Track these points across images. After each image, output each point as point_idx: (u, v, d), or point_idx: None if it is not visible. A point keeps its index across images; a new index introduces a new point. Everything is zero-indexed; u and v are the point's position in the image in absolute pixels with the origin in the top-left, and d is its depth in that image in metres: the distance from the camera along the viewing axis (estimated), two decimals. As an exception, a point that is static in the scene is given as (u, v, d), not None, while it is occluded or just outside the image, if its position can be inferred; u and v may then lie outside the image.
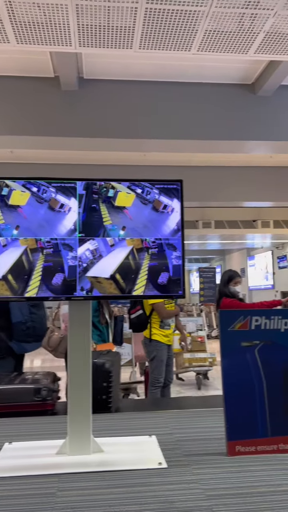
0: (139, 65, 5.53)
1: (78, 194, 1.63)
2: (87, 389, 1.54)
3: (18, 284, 1.54)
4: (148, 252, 1.63)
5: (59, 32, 3.74)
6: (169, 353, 4.11)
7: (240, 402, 1.53)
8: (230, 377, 1.55)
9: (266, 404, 1.53)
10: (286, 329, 1.60)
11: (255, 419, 1.52)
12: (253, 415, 1.52)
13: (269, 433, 1.51)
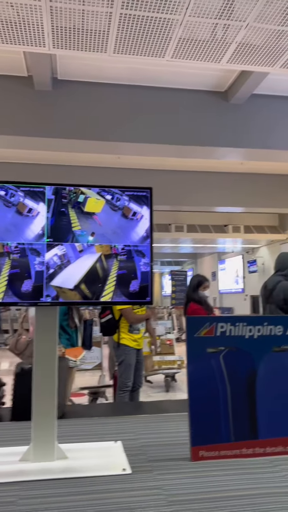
0: (114, 69, 5.54)
1: (47, 199, 1.62)
2: (52, 395, 1.53)
3: (-16, 288, 1.52)
4: (117, 259, 1.64)
5: (32, 32, 3.70)
6: (139, 357, 4.09)
7: (204, 407, 1.55)
8: (195, 382, 1.57)
9: (230, 410, 1.56)
10: (251, 336, 1.64)
11: (219, 424, 1.55)
12: (217, 421, 1.55)
13: (232, 438, 1.54)
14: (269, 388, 1.60)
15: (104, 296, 1.63)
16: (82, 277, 1.60)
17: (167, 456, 1.53)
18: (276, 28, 3.82)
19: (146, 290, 1.64)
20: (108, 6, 3.44)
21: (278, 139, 6.32)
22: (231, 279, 18.91)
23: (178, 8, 3.51)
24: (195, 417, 1.53)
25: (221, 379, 1.58)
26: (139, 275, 1.65)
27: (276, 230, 13.83)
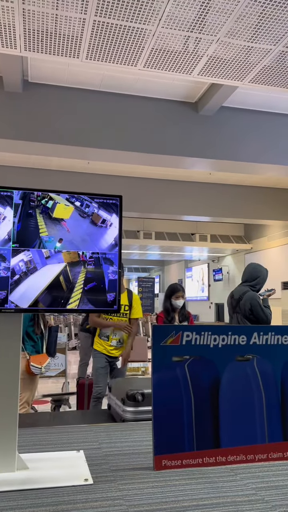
0: (86, 74, 5.54)
1: (14, 203, 1.59)
2: (14, 403, 1.50)
3: None
4: (84, 266, 1.63)
5: (4, 33, 3.65)
6: (115, 365, 4.00)
7: (168, 416, 1.56)
8: (160, 391, 1.58)
9: (193, 418, 1.57)
10: (215, 345, 1.66)
11: (182, 433, 1.56)
12: (181, 429, 1.56)
13: (195, 446, 1.55)
14: (232, 397, 1.62)
15: (70, 304, 1.61)
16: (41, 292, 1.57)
17: (130, 466, 1.53)
18: (246, 44, 3.93)
19: (114, 298, 1.64)
20: (82, 12, 3.45)
21: (246, 151, 6.48)
22: (197, 287, 19.15)
23: (151, 19, 3.56)
24: (159, 426, 1.54)
25: (185, 387, 1.60)
26: (106, 282, 1.65)
27: (241, 240, 14.15)
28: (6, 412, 1.48)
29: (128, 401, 2.20)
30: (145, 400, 2.19)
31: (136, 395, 2.19)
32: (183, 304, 4.28)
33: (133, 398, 2.18)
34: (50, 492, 1.31)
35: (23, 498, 1.26)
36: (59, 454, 1.63)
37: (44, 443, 1.78)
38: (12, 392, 1.50)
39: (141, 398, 2.19)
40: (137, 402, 2.18)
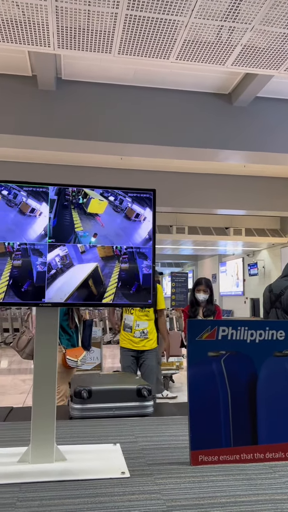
0: (119, 69, 5.54)
1: (50, 199, 1.61)
2: (51, 395, 1.52)
3: (-15, 288, 1.51)
4: (119, 260, 1.63)
5: (38, 32, 3.70)
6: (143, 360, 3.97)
7: (204, 411, 1.55)
8: (196, 386, 1.56)
9: (230, 414, 1.55)
10: (252, 340, 1.63)
11: (219, 429, 1.54)
12: (217, 425, 1.54)
13: (232, 443, 1.53)
14: (270, 393, 1.59)
15: (105, 298, 1.62)
16: (77, 286, 1.59)
17: (166, 460, 1.53)
18: (281, 31, 3.82)
19: (148, 293, 1.63)
20: (114, 7, 3.44)
21: (281, 142, 6.32)
22: (231, 282, 18.91)
23: (183, 10, 3.51)
24: (195, 421, 1.53)
25: (221, 383, 1.58)
26: (141, 277, 1.65)
27: (277, 233, 13.83)
28: (45, 404, 1.51)
29: (75, 398, 2.15)
30: (93, 397, 2.13)
31: (82, 392, 2.13)
32: (208, 298, 4.22)
33: (79, 395, 2.12)
34: (88, 484, 1.32)
35: (62, 489, 1.28)
36: (96, 447, 1.65)
37: (81, 436, 1.80)
38: (50, 384, 1.53)
39: (86, 395, 2.12)
40: (83, 399, 2.11)
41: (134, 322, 3.95)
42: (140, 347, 3.96)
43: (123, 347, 3.98)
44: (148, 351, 3.96)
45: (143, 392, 2.16)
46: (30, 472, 1.40)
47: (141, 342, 3.96)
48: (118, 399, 2.16)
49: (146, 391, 2.16)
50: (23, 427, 1.89)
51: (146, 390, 2.17)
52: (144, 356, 3.96)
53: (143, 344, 3.96)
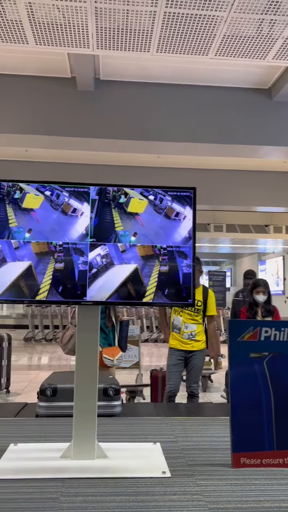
0: (156, 67, 5.53)
1: (91, 199, 1.63)
2: (93, 393, 1.54)
3: (29, 286, 1.55)
4: (158, 260, 1.63)
5: (77, 34, 3.75)
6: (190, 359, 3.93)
7: (247, 413, 1.52)
8: (237, 387, 1.54)
9: (273, 417, 1.52)
10: (296, 341, 1.58)
11: (261, 431, 1.51)
12: (260, 428, 1.51)
13: (275, 446, 1.49)
14: (315, 397, 1.54)
15: (146, 297, 1.62)
16: (118, 285, 1.59)
17: (208, 461, 1.51)
18: None
19: (188, 292, 1.62)
20: (152, 5, 3.43)
21: None
22: (271, 281, 18.49)
23: (223, 5, 3.45)
24: (237, 423, 1.50)
25: (264, 385, 1.54)
26: (181, 276, 1.64)
27: None
28: (86, 402, 1.53)
29: (40, 396, 2.12)
30: (58, 395, 2.09)
31: (46, 390, 2.09)
32: (266, 299, 4.18)
33: (44, 393, 2.09)
34: (129, 482, 1.33)
35: (104, 486, 1.30)
36: (136, 445, 1.65)
37: (121, 433, 1.82)
38: (91, 382, 1.54)
39: (50, 393, 2.09)
40: (47, 396, 2.08)
41: (183, 324, 3.93)
42: (189, 348, 3.93)
43: (172, 347, 3.97)
44: (196, 352, 3.93)
45: (109, 391, 2.11)
46: (72, 467, 1.42)
47: (190, 342, 3.92)
48: None
49: (112, 391, 2.11)
50: (64, 422, 1.93)
51: (113, 389, 2.12)
52: (192, 356, 3.92)
53: (191, 344, 3.93)
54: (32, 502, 1.18)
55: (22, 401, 2.58)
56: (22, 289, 1.54)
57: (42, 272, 1.57)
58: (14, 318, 15.65)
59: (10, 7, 3.49)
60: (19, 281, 1.55)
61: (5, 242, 1.55)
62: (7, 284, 1.53)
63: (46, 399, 2.09)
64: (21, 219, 1.57)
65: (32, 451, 1.58)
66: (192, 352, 3.92)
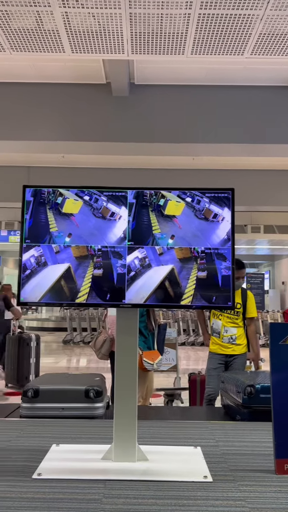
0: (190, 70, 5.51)
1: (129, 203, 1.65)
2: (133, 396, 1.55)
3: (70, 289, 1.58)
4: (196, 262, 1.62)
5: (112, 40, 3.80)
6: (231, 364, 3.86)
7: (289, 418, 1.48)
8: (280, 392, 1.50)
9: None
10: None
11: (305, 437, 1.46)
12: (304, 434, 1.47)
13: None
14: None
15: (184, 300, 1.61)
16: (155, 288, 1.59)
17: (250, 467, 1.48)
18: None
19: (228, 294, 1.60)
20: (187, 8, 3.43)
21: None
22: (311, 283, 17.98)
23: (258, 3, 3.40)
24: (280, 429, 1.46)
25: (308, 390, 1.50)
26: (219, 278, 1.62)
27: None
28: (126, 404, 1.54)
29: (23, 397, 2.13)
30: (41, 397, 2.10)
31: (28, 391, 2.11)
32: None
33: (25, 394, 2.11)
34: (170, 485, 1.32)
35: (145, 489, 1.30)
36: (177, 449, 1.65)
37: (161, 437, 1.81)
38: (131, 385, 1.55)
39: (31, 394, 2.10)
40: (28, 398, 2.10)
41: (222, 327, 3.86)
42: (229, 352, 3.84)
43: (212, 351, 3.90)
44: (237, 356, 3.84)
45: (90, 393, 2.10)
46: (114, 469, 1.43)
47: (230, 346, 3.85)
48: (66, 400, 2.12)
49: (93, 393, 2.10)
50: (104, 424, 1.95)
51: (94, 391, 2.10)
52: (233, 360, 3.83)
53: (232, 348, 3.84)
54: (75, 502, 1.20)
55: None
56: (63, 292, 1.57)
57: (81, 275, 1.59)
58: (53, 321, 15.97)
59: (47, 17, 3.58)
60: (60, 284, 1.58)
61: (46, 246, 1.59)
62: (49, 287, 1.57)
63: (28, 400, 2.12)
64: (61, 224, 1.60)
65: (73, 452, 1.60)
66: (232, 356, 3.83)
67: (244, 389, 2.14)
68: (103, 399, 2.16)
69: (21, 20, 3.60)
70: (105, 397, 2.22)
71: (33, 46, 3.99)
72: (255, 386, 2.14)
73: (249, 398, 2.13)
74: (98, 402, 2.12)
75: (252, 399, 2.13)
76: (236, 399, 2.22)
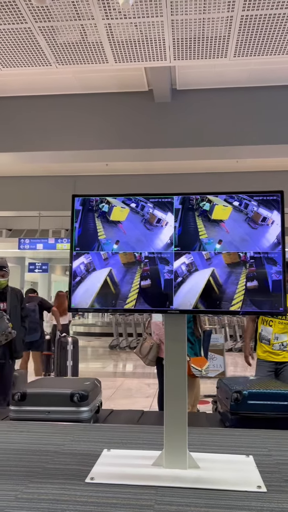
0: (232, 72, 5.47)
1: (175, 209, 1.65)
2: (183, 402, 1.54)
3: (118, 296, 1.60)
4: (245, 267, 1.59)
5: (154, 48, 3.84)
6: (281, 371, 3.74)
7: None
8: None
9: None
10: None
11: None
12: None
13: None
14: None
15: (233, 306, 1.59)
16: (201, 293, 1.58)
17: (306, 478, 1.43)
18: None
19: (279, 300, 1.56)
20: (229, 11, 3.41)
21: None
22: None
23: (303, 1, 3.33)
24: None
25: None
26: (270, 283, 1.58)
27: None
28: (176, 411, 1.53)
29: (11, 400, 2.21)
30: (28, 400, 2.16)
31: (15, 395, 2.18)
32: None
33: (13, 397, 2.19)
34: (223, 494, 1.30)
35: (197, 497, 1.28)
36: (228, 457, 1.62)
37: (211, 444, 1.79)
38: (181, 391, 1.54)
39: (18, 398, 2.17)
40: (15, 401, 2.17)
41: (273, 334, 3.74)
42: (280, 359, 3.72)
43: (261, 359, 3.79)
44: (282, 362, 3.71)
45: (74, 397, 2.15)
46: (165, 476, 1.43)
47: (281, 353, 3.72)
48: (52, 403, 2.18)
49: (77, 397, 2.14)
50: (154, 430, 1.95)
51: (78, 395, 2.14)
52: (284, 367, 3.70)
53: (283, 355, 3.72)
54: (128, 508, 1.21)
55: (109, 408, 2.66)
56: (111, 298, 1.60)
57: (129, 281, 1.61)
58: (100, 326, 16.19)
59: (91, 29, 3.67)
60: (108, 291, 1.60)
61: (95, 254, 1.62)
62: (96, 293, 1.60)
63: (15, 403, 2.21)
64: (109, 231, 1.63)
65: (124, 457, 1.61)
66: (283, 364, 3.70)
67: (231, 395, 2.16)
68: (88, 403, 2.22)
69: (66, 34, 3.72)
70: (93, 401, 2.28)
71: (78, 59, 4.10)
72: (243, 392, 2.14)
73: (237, 405, 2.14)
74: (83, 406, 2.19)
75: (239, 406, 2.14)
76: (226, 406, 2.23)
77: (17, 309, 3.95)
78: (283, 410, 2.16)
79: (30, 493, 1.29)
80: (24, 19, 3.58)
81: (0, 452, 1.64)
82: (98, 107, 6.09)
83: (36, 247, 11.67)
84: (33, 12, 3.50)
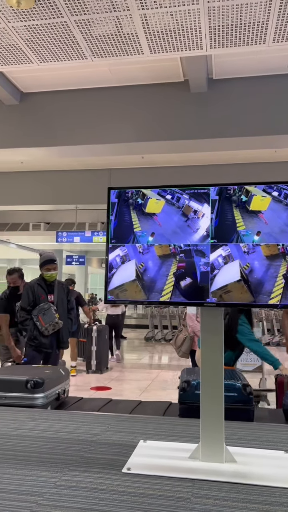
0: (271, 59, 5.30)
1: (211, 200, 1.62)
2: (219, 396, 1.52)
3: (153, 288, 1.59)
4: (285, 259, 1.55)
5: (190, 37, 3.77)
6: None
7: None
8: None
9: None
10: None
11: None
12: None
13: None
14: None
15: (272, 299, 1.55)
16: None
17: None
18: None
19: None
20: (267, -5, 3.30)
21: None
22: None
23: None
24: None
25: None
26: (311, 276, 1.53)
27: None
28: (213, 404, 1.52)
29: None
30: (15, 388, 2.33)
31: None
32: None
33: None
34: (261, 490, 1.28)
35: (234, 491, 1.27)
36: (266, 452, 1.59)
37: (248, 439, 1.77)
38: (218, 384, 1.53)
39: None
40: None
41: None
42: None
43: None
44: None
45: (28, 384, 2.30)
46: (202, 469, 1.42)
47: None
48: (8, 389, 2.34)
49: (31, 384, 2.29)
50: (188, 423, 1.94)
51: (33, 382, 2.29)
52: None
53: None
54: (165, 499, 1.21)
55: (137, 399, 2.67)
56: (146, 290, 1.59)
57: (165, 274, 1.60)
58: (135, 318, 16.32)
59: (126, 20, 3.66)
60: (142, 283, 1.60)
61: (131, 246, 1.62)
62: (132, 285, 1.60)
63: None
64: (144, 223, 1.63)
65: (160, 449, 1.61)
66: None
67: (180, 385, 2.28)
68: (44, 390, 2.36)
69: (102, 27, 3.72)
70: (51, 388, 2.42)
71: (113, 51, 4.10)
72: (191, 382, 2.23)
73: (184, 394, 2.24)
74: (38, 392, 2.34)
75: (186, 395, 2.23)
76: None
77: (64, 302, 4.06)
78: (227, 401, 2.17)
79: (69, 481, 1.31)
80: (61, 13, 3.60)
81: (39, 440, 1.68)
82: (133, 100, 6.07)
83: (73, 240, 11.86)
84: (69, 5, 3.51)
